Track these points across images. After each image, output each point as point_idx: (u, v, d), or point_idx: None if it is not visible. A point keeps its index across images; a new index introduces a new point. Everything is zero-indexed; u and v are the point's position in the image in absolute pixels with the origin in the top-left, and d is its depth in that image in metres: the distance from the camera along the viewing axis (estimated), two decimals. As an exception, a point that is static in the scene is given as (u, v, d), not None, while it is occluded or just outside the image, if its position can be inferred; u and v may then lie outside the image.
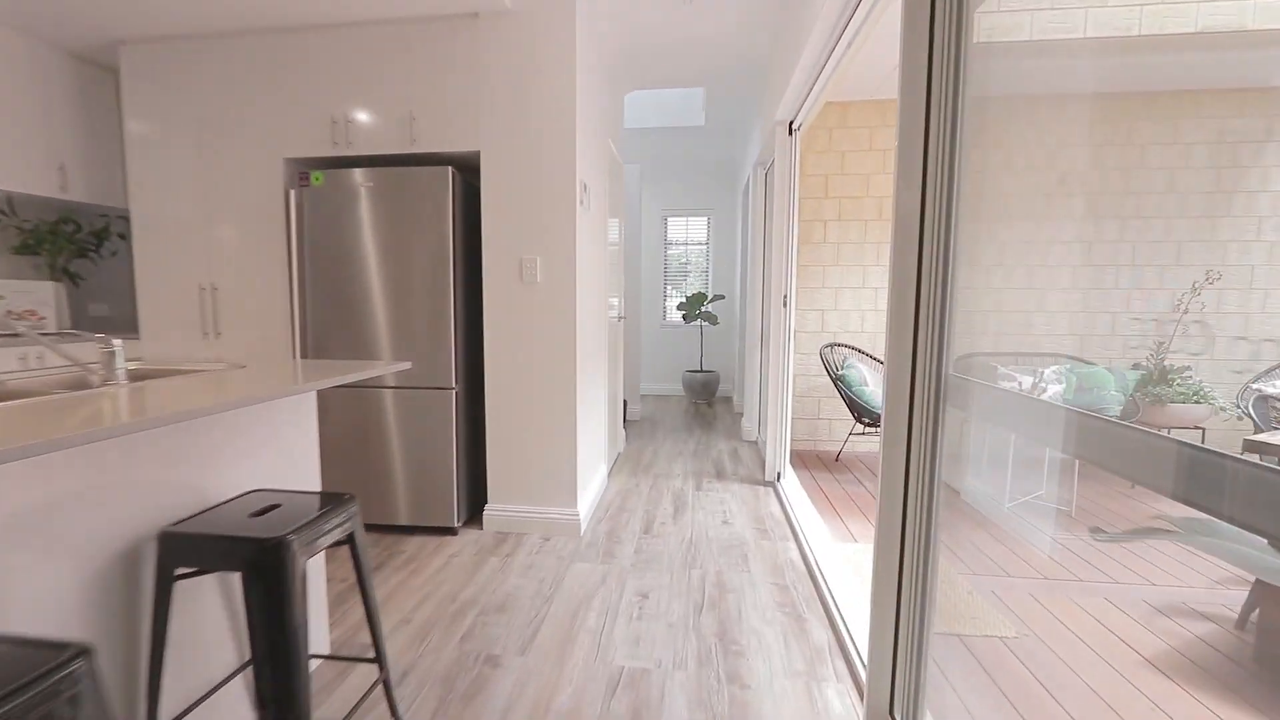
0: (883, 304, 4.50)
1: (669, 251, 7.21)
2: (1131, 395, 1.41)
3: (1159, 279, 1.31)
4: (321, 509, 1.30)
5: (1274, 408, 1.16)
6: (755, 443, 4.70)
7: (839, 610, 2.06)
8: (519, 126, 2.69)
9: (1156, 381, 1.36)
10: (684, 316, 6.36)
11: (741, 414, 5.49)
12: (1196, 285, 1.25)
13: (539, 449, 2.83)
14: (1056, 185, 1.49)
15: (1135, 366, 1.38)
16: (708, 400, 6.62)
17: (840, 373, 4.02)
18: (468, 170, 2.93)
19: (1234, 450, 0.70)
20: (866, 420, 3.93)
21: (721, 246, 7.05)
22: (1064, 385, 1.55)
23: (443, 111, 2.73)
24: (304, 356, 2.87)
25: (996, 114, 1.33)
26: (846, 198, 4.46)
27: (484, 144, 2.71)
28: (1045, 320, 1.58)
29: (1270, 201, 1.21)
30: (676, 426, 5.34)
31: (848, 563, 2.50)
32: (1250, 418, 1.19)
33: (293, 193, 2.79)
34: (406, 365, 1.75)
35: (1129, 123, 1.35)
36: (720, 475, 3.83)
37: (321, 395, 2.83)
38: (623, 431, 4.51)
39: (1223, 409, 1.24)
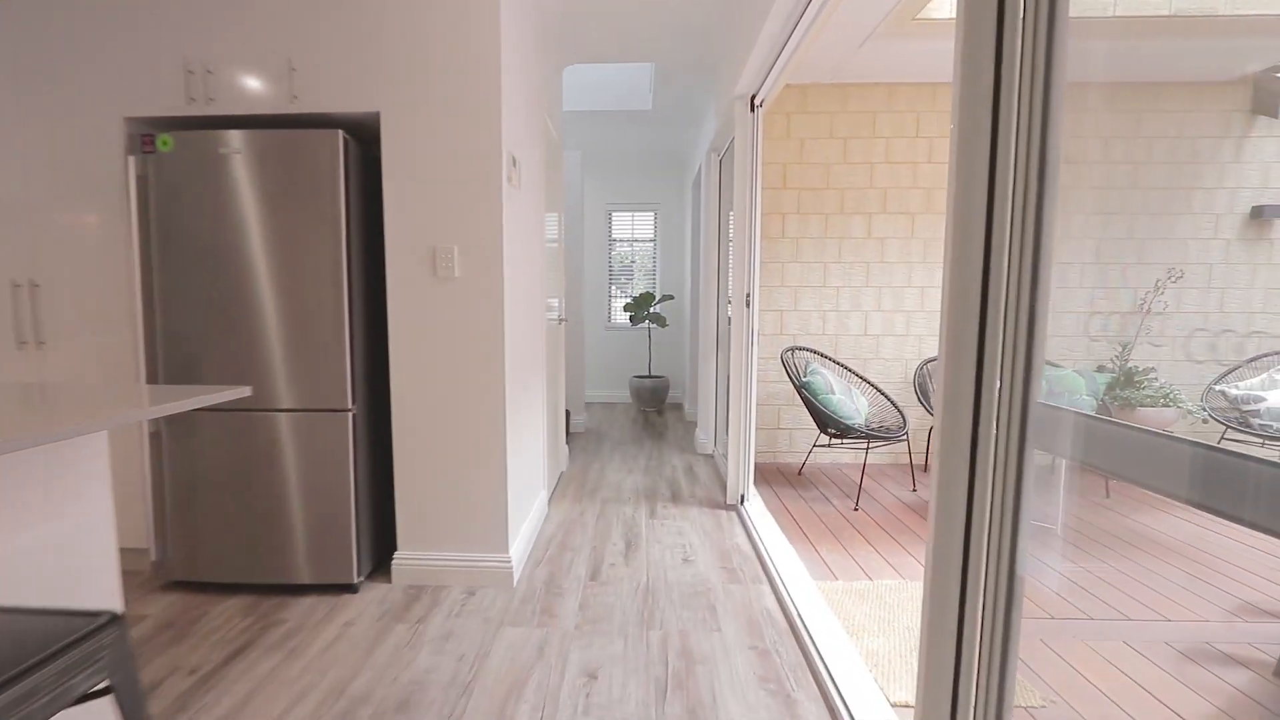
0: (845, 304, 4.19)
1: (614, 249, 6.74)
2: (1102, 399, 1.37)
3: (1122, 276, 1.27)
4: (46, 650, 0.76)
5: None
6: (712, 456, 4.30)
7: (835, 684, 1.65)
8: (429, 81, 2.16)
9: (1123, 384, 1.33)
10: (631, 318, 5.90)
11: (695, 424, 5.08)
12: (1159, 283, 1.22)
13: (461, 481, 2.30)
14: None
15: (1100, 369, 1.35)
16: (657, 408, 6.19)
17: (804, 380, 3.66)
18: (366, 137, 2.38)
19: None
20: (832, 431, 3.58)
21: (670, 244, 6.64)
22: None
23: (331, 61, 2.16)
24: (154, 370, 2.24)
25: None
26: (806, 189, 4.12)
27: (384, 103, 2.16)
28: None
29: (1227, 198, 1.22)
30: (625, 439, 4.88)
31: (832, 609, 2.10)
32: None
33: (133, 160, 2.17)
34: (245, 391, 1.21)
35: (1094, 115, 1.29)
36: (676, 498, 3.39)
37: (185, 422, 2.21)
38: (565, 447, 4.01)
39: (1190, 411, 1.22)
